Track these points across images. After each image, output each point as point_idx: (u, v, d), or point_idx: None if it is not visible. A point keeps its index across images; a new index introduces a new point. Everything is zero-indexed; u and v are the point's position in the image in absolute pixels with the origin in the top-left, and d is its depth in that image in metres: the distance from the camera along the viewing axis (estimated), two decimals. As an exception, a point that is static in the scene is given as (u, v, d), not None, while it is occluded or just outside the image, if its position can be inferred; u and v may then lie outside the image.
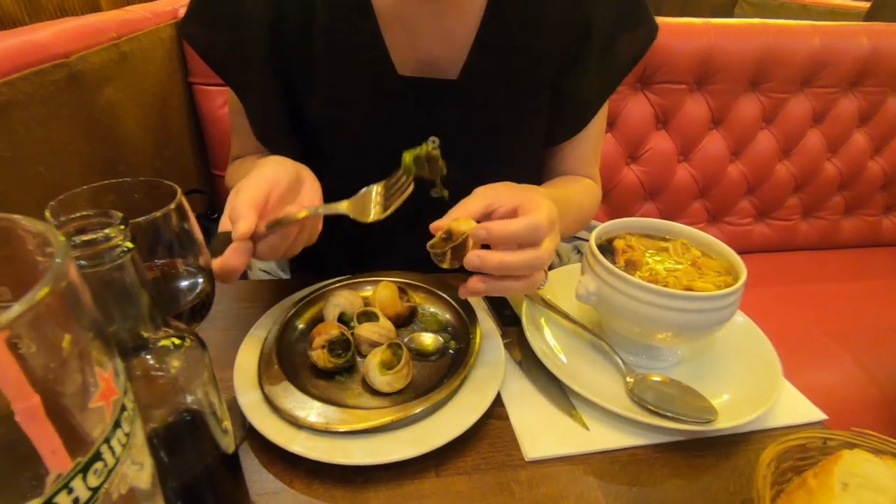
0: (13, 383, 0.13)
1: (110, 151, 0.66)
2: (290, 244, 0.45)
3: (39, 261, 0.18)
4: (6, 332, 0.12)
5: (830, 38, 1.15)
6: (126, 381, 0.16)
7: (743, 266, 0.48)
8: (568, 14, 0.58)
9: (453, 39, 0.57)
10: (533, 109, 0.62)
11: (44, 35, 0.58)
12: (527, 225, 0.41)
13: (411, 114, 0.59)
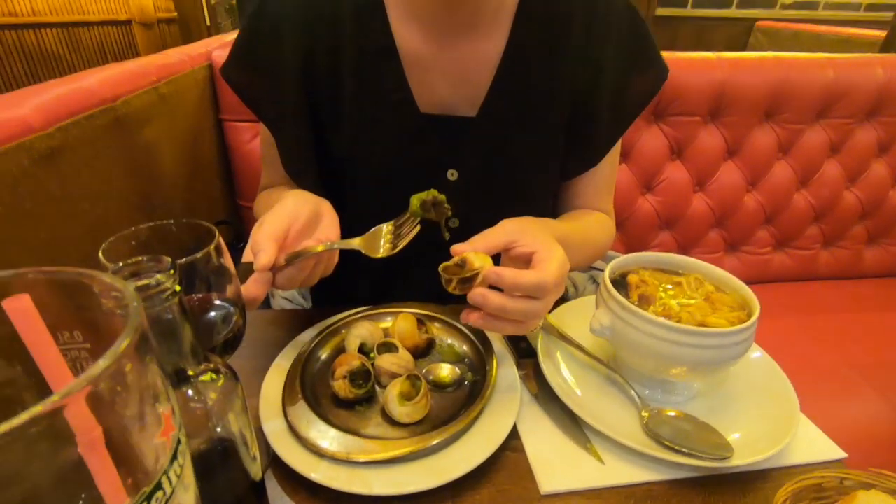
0: (81, 418, 0.15)
1: (146, 186, 0.70)
2: (307, 276, 0.49)
3: (107, 309, 0.20)
4: (90, 387, 0.14)
5: (844, 70, 1.15)
6: (180, 416, 0.18)
7: (756, 301, 0.48)
8: (581, 58, 0.61)
9: (472, 81, 0.61)
10: (548, 147, 0.65)
11: (91, 81, 0.63)
12: (536, 282, 0.44)
13: (432, 150, 0.63)
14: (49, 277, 0.19)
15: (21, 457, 0.14)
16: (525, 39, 0.60)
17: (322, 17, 0.58)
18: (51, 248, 0.50)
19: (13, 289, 0.18)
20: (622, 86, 0.63)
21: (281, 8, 0.59)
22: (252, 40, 0.61)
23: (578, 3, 0.60)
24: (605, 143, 0.67)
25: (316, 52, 0.59)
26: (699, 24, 2.68)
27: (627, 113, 0.66)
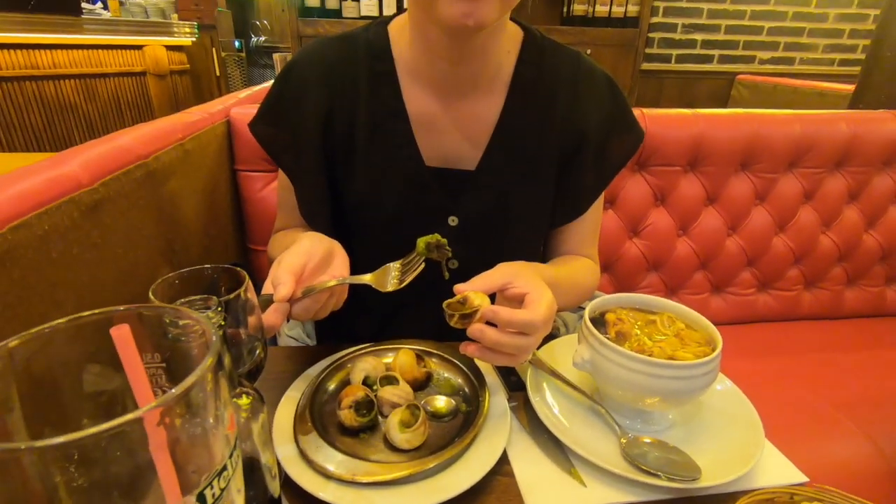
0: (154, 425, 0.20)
1: (170, 232, 0.77)
2: (320, 307, 0.55)
3: (173, 336, 0.26)
4: (182, 391, 0.20)
5: (812, 125, 1.25)
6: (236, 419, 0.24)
7: (719, 337, 0.54)
8: (567, 122, 0.70)
9: (472, 139, 0.69)
10: (538, 198, 0.73)
11: (127, 140, 0.71)
12: (527, 320, 0.51)
13: (436, 199, 0.70)
14: (139, 312, 0.25)
15: (113, 447, 0.19)
16: (518, 105, 0.68)
17: (341, 83, 0.67)
18: (89, 290, 0.56)
19: (116, 320, 0.24)
20: (603, 147, 0.72)
21: (304, 74, 0.68)
22: (278, 101, 0.70)
23: (565, 75, 0.70)
24: (589, 197, 0.75)
25: (334, 112, 0.68)
26: (683, 77, 2.84)
27: (608, 171, 0.75)
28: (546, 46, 0.70)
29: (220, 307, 0.30)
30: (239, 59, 5.16)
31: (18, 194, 0.48)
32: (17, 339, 0.21)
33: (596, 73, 0.72)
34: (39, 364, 0.22)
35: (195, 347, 0.27)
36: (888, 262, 1.39)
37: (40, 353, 0.22)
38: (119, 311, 0.24)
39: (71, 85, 3.01)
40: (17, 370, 0.21)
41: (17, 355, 0.21)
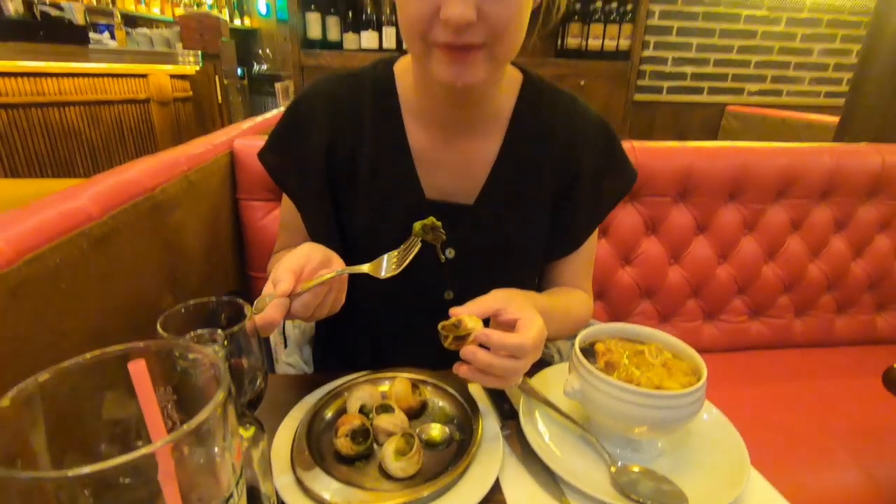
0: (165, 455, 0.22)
1: (172, 260, 0.79)
2: (320, 302, 0.56)
3: (182, 368, 0.28)
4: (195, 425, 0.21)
5: (797, 157, 1.29)
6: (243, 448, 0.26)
7: (704, 367, 0.56)
8: (561, 162, 0.73)
9: (471, 175, 0.72)
10: (534, 234, 0.75)
11: (134, 173, 0.73)
12: (517, 344, 0.53)
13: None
14: (154, 347, 0.27)
15: (126, 475, 0.21)
16: (516, 145, 0.72)
17: (347, 117, 0.71)
18: (95, 318, 0.57)
19: (133, 355, 0.26)
20: (597, 186, 0.75)
21: (312, 107, 0.72)
22: (286, 132, 0.74)
23: (561, 118, 0.73)
24: (582, 233, 0.78)
25: (338, 145, 0.71)
26: (675, 108, 2.92)
27: (602, 209, 0.78)
28: (544, 90, 0.74)
29: (226, 340, 0.32)
30: (241, 86, 5.27)
31: (33, 228, 0.51)
32: (48, 374, 0.23)
33: (590, 115, 0.75)
34: (63, 394, 0.24)
35: (202, 379, 0.29)
36: (876, 291, 1.42)
37: (65, 385, 0.24)
38: (137, 347, 0.26)
39: (75, 111, 3.07)
40: (45, 400, 0.23)
41: (46, 387, 0.23)
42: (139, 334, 0.67)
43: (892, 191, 1.33)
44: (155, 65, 3.50)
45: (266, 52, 7.01)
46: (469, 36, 0.55)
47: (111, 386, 0.26)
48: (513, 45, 0.60)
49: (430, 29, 0.56)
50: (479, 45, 0.57)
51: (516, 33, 0.59)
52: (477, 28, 0.55)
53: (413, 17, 0.56)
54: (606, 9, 2.64)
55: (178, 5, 6.10)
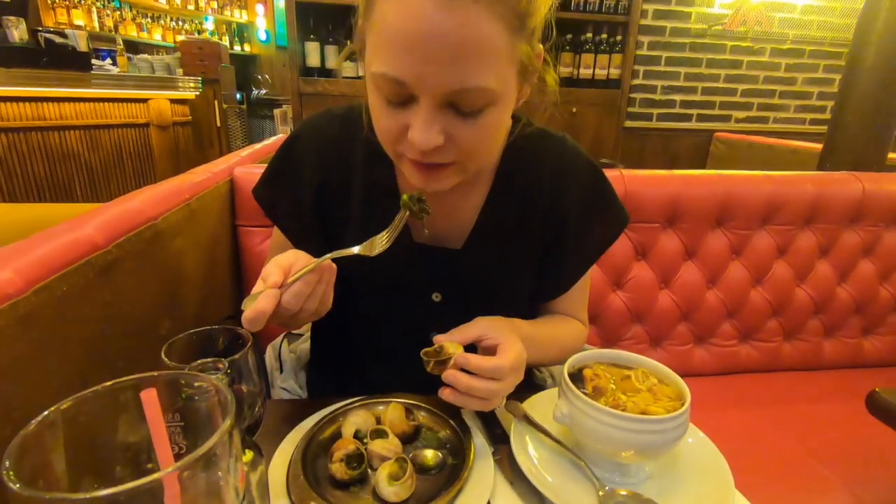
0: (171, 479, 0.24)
1: (172, 286, 0.81)
2: (310, 292, 0.56)
3: (187, 395, 0.30)
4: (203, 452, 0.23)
5: (780, 185, 1.34)
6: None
7: (688, 392, 0.57)
8: (548, 208, 0.73)
9: (459, 221, 0.73)
10: (520, 279, 0.76)
11: (137, 202, 0.76)
12: (494, 366, 0.56)
13: (421, 274, 0.74)
14: (165, 377, 0.29)
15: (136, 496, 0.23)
16: (503, 191, 0.72)
17: (338, 157, 0.72)
18: (97, 345, 0.59)
19: (145, 384, 0.28)
20: (585, 231, 0.75)
21: (306, 147, 0.74)
22: (279, 169, 0.76)
23: (549, 163, 0.73)
24: (570, 278, 0.79)
25: (329, 184, 0.73)
26: (664, 134, 2.99)
27: (591, 253, 0.78)
28: (532, 135, 0.73)
29: (229, 369, 0.34)
30: (240, 110, 5.35)
31: (42, 258, 0.53)
32: (69, 402, 0.25)
33: (579, 159, 0.75)
34: (82, 420, 0.26)
35: (207, 406, 0.31)
36: (862, 315, 1.45)
37: (83, 411, 0.26)
38: (149, 377, 0.28)
39: (75, 135, 3.10)
40: (66, 425, 0.25)
41: (67, 413, 0.25)
42: (138, 359, 0.68)
43: (874, 217, 1.38)
44: (156, 91, 3.55)
45: (265, 77, 7.14)
46: (437, 157, 0.55)
47: (124, 412, 0.27)
48: (485, 160, 0.60)
49: (399, 143, 0.56)
50: (448, 164, 0.57)
51: (489, 150, 0.59)
52: (446, 149, 0.54)
53: (383, 130, 0.57)
54: (597, 39, 2.73)
55: (179, 32, 6.23)
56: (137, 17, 5.72)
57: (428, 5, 0.46)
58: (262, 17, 7.26)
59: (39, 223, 1.58)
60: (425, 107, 0.51)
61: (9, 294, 0.46)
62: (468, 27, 0.47)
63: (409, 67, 0.49)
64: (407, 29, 0.47)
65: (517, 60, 0.53)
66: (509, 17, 0.49)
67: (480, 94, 0.51)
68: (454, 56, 0.48)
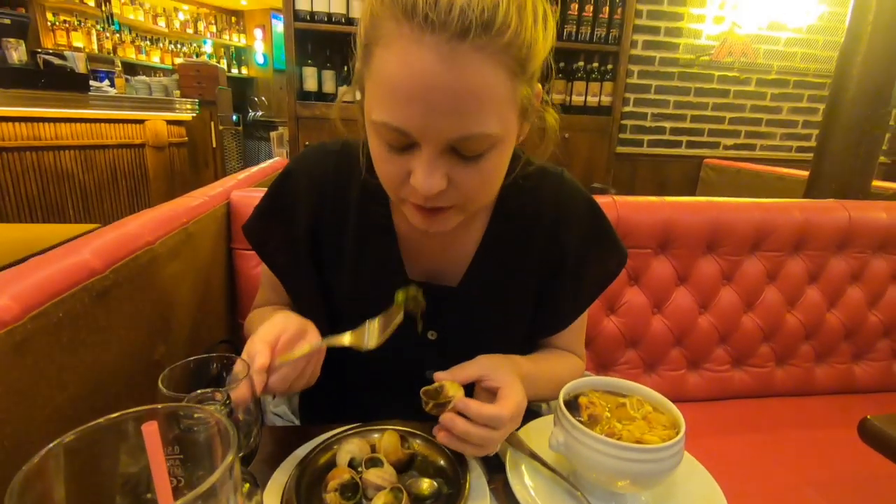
0: None
1: (167, 311, 0.81)
2: (297, 375, 0.55)
3: (185, 426, 0.30)
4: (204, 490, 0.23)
5: (769, 212, 1.36)
6: None
7: (682, 421, 0.58)
8: (547, 245, 0.73)
9: (455, 259, 0.72)
10: (516, 317, 0.75)
11: (134, 226, 0.76)
12: (494, 415, 0.55)
13: (417, 312, 0.71)
14: (166, 410, 0.29)
15: None
16: (500, 230, 0.72)
17: (333, 194, 0.71)
18: (92, 371, 0.59)
19: (146, 417, 0.28)
20: (582, 270, 0.74)
21: (299, 183, 0.72)
22: (271, 208, 0.75)
23: (546, 201, 0.72)
24: (567, 316, 0.78)
25: (324, 223, 0.72)
26: (655, 160, 3.05)
27: (588, 292, 0.77)
28: (531, 173, 0.72)
29: (227, 400, 0.34)
30: (235, 132, 5.39)
31: (39, 283, 0.53)
32: (73, 436, 0.25)
33: (578, 197, 0.74)
34: (84, 452, 0.26)
35: (205, 437, 0.31)
36: (852, 341, 1.46)
37: (86, 443, 0.26)
38: (152, 410, 0.28)
39: (70, 155, 3.10)
40: (68, 456, 0.25)
41: (71, 446, 0.25)
42: (132, 384, 0.68)
43: (860, 244, 1.40)
44: (153, 112, 3.58)
45: (262, 99, 7.22)
46: (439, 201, 0.55)
47: (125, 443, 0.27)
48: (486, 201, 0.60)
49: (402, 188, 0.56)
50: (449, 206, 0.57)
51: (491, 192, 0.59)
52: (448, 194, 0.54)
53: (385, 175, 0.57)
54: (588, 68, 2.80)
55: (177, 55, 6.31)
56: (136, 39, 5.80)
57: (429, 57, 0.45)
58: (260, 41, 7.38)
59: (27, 244, 1.57)
60: (427, 153, 0.51)
61: (5, 321, 0.46)
62: (470, 77, 0.47)
63: (411, 118, 0.49)
64: (409, 81, 0.47)
65: (518, 103, 0.53)
66: (510, 64, 0.49)
67: (483, 140, 0.51)
68: (456, 106, 0.48)
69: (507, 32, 0.47)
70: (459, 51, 0.45)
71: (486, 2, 0.45)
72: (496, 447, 0.59)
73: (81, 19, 5.01)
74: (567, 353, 0.82)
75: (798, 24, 2.94)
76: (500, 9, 0.46)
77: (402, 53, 0.47)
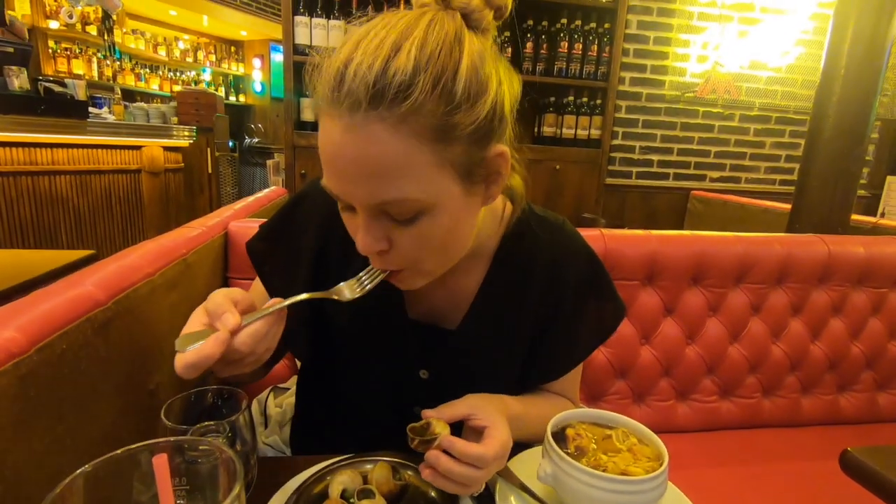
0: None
1: (163, 341, 0.82)
2: (266, 331, 0.53)
3: (190, 458, 0.32)
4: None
5: (751, 246, 1.41)
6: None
7: (665, 453, 0.60)
8: (545, 295, 0.74)
9: (455, 301, 0.74)
10: (512, 363, 0.77)
11: (135, 258, 0.78)
12: (478, 455, 0.57)
13: (412, 350, 0.74)
14: (175, 443, 0.31)
15: None
16: (499, 277, 0.73)
17: (340, 227, 0.68)
18: (90, 401, 0.60)
19: (157, 450, 0.30)
20: (579, 320, 0.75)
21: (309, 211, 0.74)
22: (280, 229, 0.77)
23: (545, 250, 0.74)
24: (560, 368, 0.79)
25: (329, 252, 0.73)
26: (643, 192, 3.13)
27: (585, 344, 0.79)
28: (531, 221, 0.74)
29: (230, 433, 0.36)
30: (231, 158, 5.45)
31: (44, 315, 0.55)
32: (90, 467, 0.27)
33: (578, 248, 0.76)
34: (98, 482, 0.28)
35: (209, 468, 0.33)
36: (837, 372, 1.49)
37: (100, 475, 0.28)
38: (164, 443, 0.30)
39: (66, 180, 3.12)
40: (87, 484, 0.27)
41: (88, 478, 0.27)
42: (127, 414, 0.69)
43: (840, 278, 1.45)
44: (150, 139, 3.62)
45: (258, 126, 7.32)
46: (387, 264, 0.57)
47: (138, 472, 0.29)
48: (445, 262, 0.60)
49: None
50: (401, 269, 0.58)
51: (442, 253, 0.58)
52: (391, 256, 0.56)
53: (348, 231, 0.59)
54: (578, 102, 2.90)
55: (176, 82, 6.41)
56: (136, 67, 5.90)
57: (336, 129, 0.49)
58: (258, 70, 7.53)
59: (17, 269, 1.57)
60: (362, 216, 0.53)
61: (12, 353, 0.48)
62: (372, 146, 0.48)
63: (335, 184, 0.53)
64: (325, 150, 0.51)
65: (452, 164, 0.51)
66: (420, 130, 0.48)
67: (405, 204, 0.51)
68: (364, 172, 0.49)
69: (409, 100, 0.46)
70: (360, 121, 0.47)
71: (386, 71, 0.46)
72: (480, 486, 0.60)
73: (83, 47, 5.11)
74: (560, 397, 0.82)
75: (777, 64, 3.07)
76: (399, 76, 0.46)
77: (323, 125, 0.51)
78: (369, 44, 0.48)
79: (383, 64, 0.46)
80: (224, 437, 0.36)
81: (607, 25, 2.83)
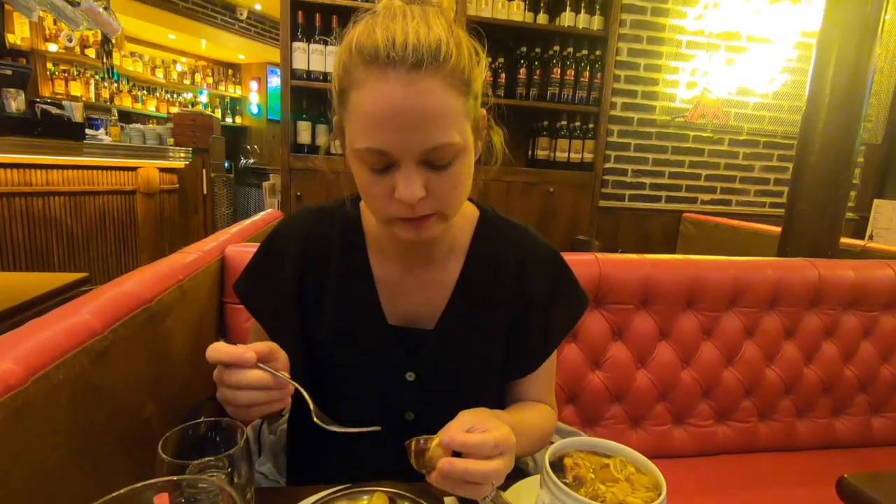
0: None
1: (159, 367, 0.81)
2: (264, 400, 0.58)
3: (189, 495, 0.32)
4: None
5: (744, 270, 1.42)
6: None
7: (663, 483, 0.60)
8: (514, 290, 0.79)
9: (431, 302, 0.79)
10: (491, 357, 0.80)
11: (132, 284, 0.78)
12: (480, 442, 0.57)
13: (396, 354, 0.78)
14: (174, 482, 0.31)
15: None
16: (472, 275, 0.79)
17: (316, 249, 0.79)
18: (84, 431, 0.59)
19: (158, 489, 0.30)
20: (548, 314, 0.81)
21: (285, 242, 0.79)
22: (261, 267, 0.81)
23: (513, 250, 0.80)
24: (537, 357, 0.83)
25: (308, 274, 0.78)
26: (636, 214, 3.16)
27: (554, 335, 0.83)
28: (498, 224, 0.82)
29: (230, 468, 0.36)
30: (227, 179, 5.47)
31: (41, 346, 0.54)
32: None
33: (541, 246, 0.83)
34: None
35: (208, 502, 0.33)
36: (831, 395, 1.50)
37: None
38: (167, 482, 0.30)
39: (59, 201, 3.11)
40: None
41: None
42: (122, 443, 0.68)
43: (831, 302, 1.47)
44: (146, 160, 3.63)
45: (254, 147, 7.36)
46: (421, 209, 0.63)
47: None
48: (460, 205, 0.70)
49: (389, 205, 0.64)
50: (431, 215, 0.65)
51: (462, 197, 0.69)
52: (427, 201, 0.63)
53: (373, 197, 0.65)
54: (571, 126, 2.95)
55: (173, 104, 6.46)
56: (133, 89, 5.95)
57: (395, 87, 0.57)
58: (255, 92, 7.61)
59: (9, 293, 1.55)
60: (405, 167, 0.60)
61: (10, 385, 0.47)
62: (429, 98, 0.58)
63: (388, 139, 0.59)
64: (382, 109, 0.58)
65: (470, 117, 0.64)
66: (458, 84, 0.60)
67: (449, 149, 0.61)
68: (422, 122, 0.58)
69: (450, 60, 0.59)
70: (417, 78, 0.57)
71: (431, 40, 0.58)
72: (491, 488, 0.59)
73: (81, 69, 5.16)
74: (540, 403, 0.85)
75: (764, 91, 3.15)
76: (443, 43, 0.58)
77: (373, 89, 0.58)
78: (405, 22, 0.59)
79: (427, 33, 0.58)
80: (224, 472, 0.36)
81: (598, 53, 2.91)
